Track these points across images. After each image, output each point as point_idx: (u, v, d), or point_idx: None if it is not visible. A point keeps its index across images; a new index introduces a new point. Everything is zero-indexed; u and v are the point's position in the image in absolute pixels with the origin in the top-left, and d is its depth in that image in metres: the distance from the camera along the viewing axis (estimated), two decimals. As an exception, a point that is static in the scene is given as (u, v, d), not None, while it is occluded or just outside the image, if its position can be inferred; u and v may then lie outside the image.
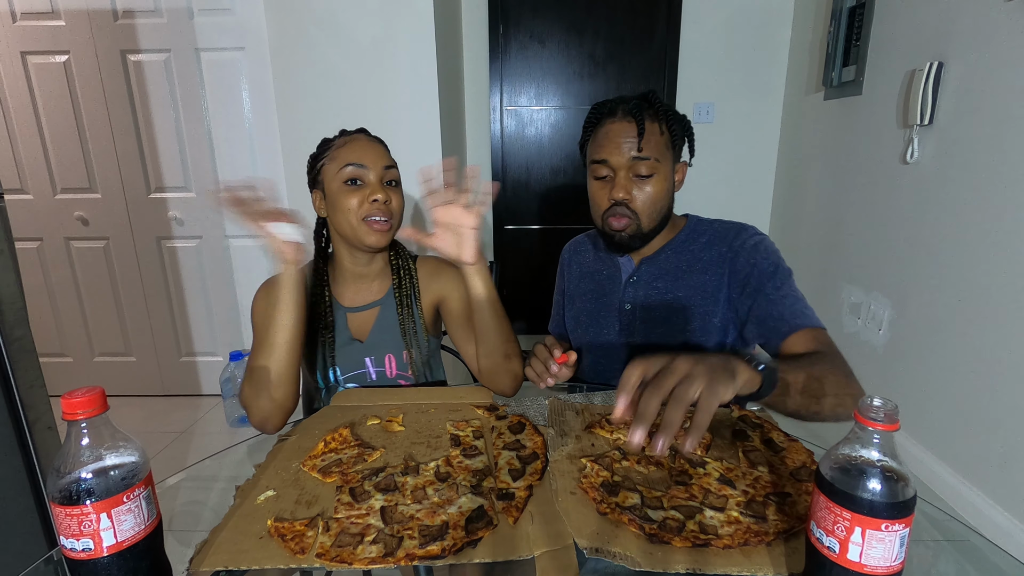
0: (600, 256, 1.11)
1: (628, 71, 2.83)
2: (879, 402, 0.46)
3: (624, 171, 0.94)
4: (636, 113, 0.92)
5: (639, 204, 0.95)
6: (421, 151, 2.17)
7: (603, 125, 0.96)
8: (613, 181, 0.95)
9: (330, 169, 0.95)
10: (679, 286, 1.00)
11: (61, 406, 0.48)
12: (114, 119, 2.22)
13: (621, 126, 0.93)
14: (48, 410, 1.16)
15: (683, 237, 1.03)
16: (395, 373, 1.04)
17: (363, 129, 1.02)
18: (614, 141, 0.94)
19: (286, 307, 0.85)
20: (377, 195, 0.93)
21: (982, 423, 1.63)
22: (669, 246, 1.03)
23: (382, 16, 2.04)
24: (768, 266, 0.93)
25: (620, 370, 1.03)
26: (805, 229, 2.68)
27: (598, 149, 0.96)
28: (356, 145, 0.96)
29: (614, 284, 1.06)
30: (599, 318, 1.08)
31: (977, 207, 1.65)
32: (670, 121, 0.95)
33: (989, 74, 1.60)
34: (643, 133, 0.92)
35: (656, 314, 1.01)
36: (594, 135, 0.99)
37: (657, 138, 0.94)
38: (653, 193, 0.95)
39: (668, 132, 0.95)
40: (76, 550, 0.48)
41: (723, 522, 0.59)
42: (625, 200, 0.94)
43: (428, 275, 1.07)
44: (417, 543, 0.57)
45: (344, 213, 0.94)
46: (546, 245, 3.06)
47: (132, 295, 2.43)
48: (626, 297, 1.04)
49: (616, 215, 0.96)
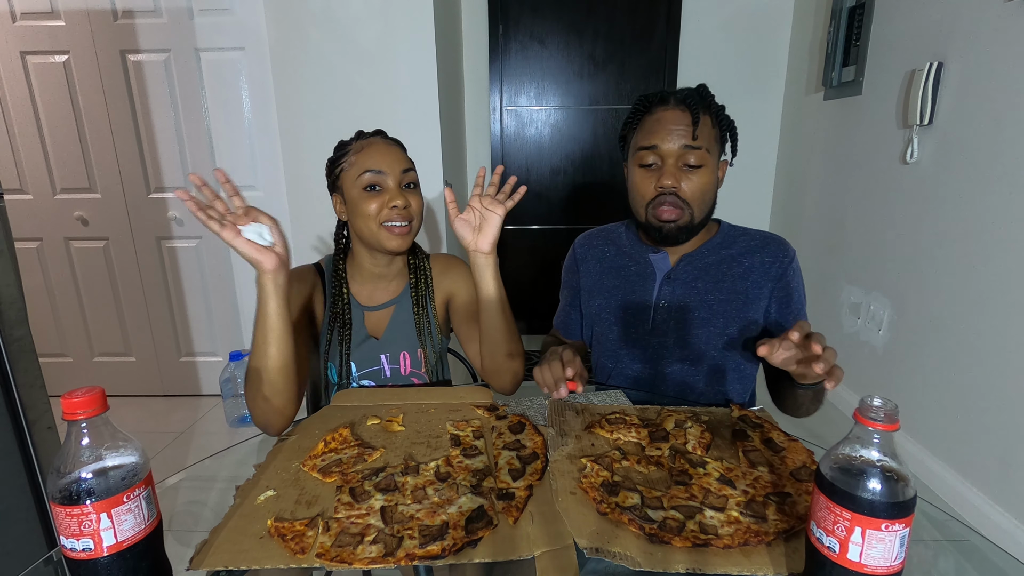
0: (625, 251, 1.08)
1: (628, 71, 2.83)
2: (879, 402, 0.46)
3: (674, 159, 0.92)
4: (690, 102, 0.91)
5: (689, 194, 0.93)
6: (421, 151, 2.16)
7: (653, 113, 0.94)
8: (660, 170, 0.93)
9: (349, 175, 0.96)
10: (721, 288, 0.99)
11: (61, 406, 0.48)
12: (114, 119, 2.22)
13: (674, 114, 0.92)
14: (48, 410, 1.16)
15: (719, 239, 1.02)
16: (409, 371, 1.05)
17: (380, 131, 1.02)
18: (666, 127, 0.91)
19: (271, 320, 0.79)
20: (396, 201, 0.94)
21: (982, 423, 1.63)
22: (707, 247, 1.01)
23: (382, 16, 2.04)
24: (801, 297, 0.99)
25: (641, 368, 1.04)
26: (805, 229, 2.68)
27: (647, 136, 0.94)
28: (374, 150, 0.95)
29: (645, 281, 1.04)
30: (625, 314, 1.05)
31: (977, 207, 1.65)
32: (720, 116, 0.95)
33: (989, 74, 1.60)
34: (698, 122, 0.90)
35: (695, 315, 1.00)
36: (642, 123, 0.96)
37: (709, 130, 0.93)
38: (703, 184, 0.93)
39: (718, 126, 0.95)
40: (76, 550, 0.48)
41: (723, 522, 0.59)
42: (674, 189, 0.92)
43: (439, 272, 1.08)
44: (417, 543, 0.57)
45: (364, 219, 0.94)
46: (546, 245, 3.05)
47: (132, 295, 2.43)
48: (662, 294, 1.02)
49: (665, 205, 0.93)
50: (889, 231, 2.05)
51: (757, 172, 3.00)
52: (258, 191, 2.28)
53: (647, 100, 0.96)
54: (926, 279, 1.86)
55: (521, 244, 3.08)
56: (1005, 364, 1.54)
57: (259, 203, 2.28)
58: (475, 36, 2.83)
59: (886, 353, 2.06)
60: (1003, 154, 1.56)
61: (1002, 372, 1.55)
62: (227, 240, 0.75)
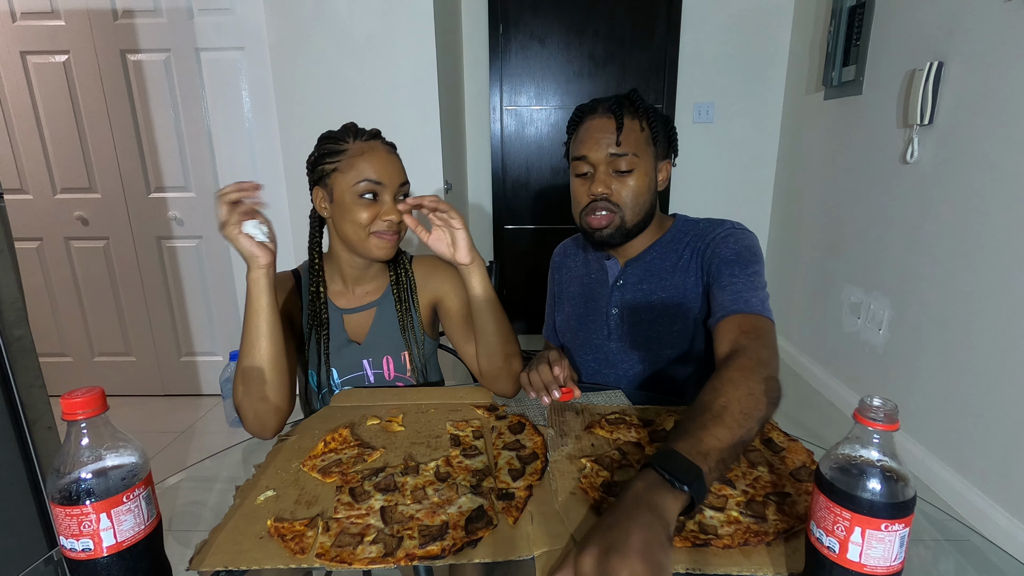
0: (588, 259, 1.11)
1: (628, 71, 2.83)
2: (879, 402, 0.46)
3: (603, 166, 0.94)
4: (615, 109, 0.94)
5: (621, 197, 0.95)
6: (421, 151, 2.17)
7: (584, 123, 0.98)
8: (593, 178, 0.95)
9: (345, 177, 0.92)
10: (662, 287, 0.99)
11: (61, 406, 0.48)
12: (114, 119, 2.22)
13: (600, 122, 0.95)
14: (48, 410, 1.16)
15: (668, 237, 1.02)
16: (393, 375, 1.03)
17: (377, 133, 0.98)
18: (593, 137, 0.94)
19: (264, 314, 0.81)
20: (391, 216, 0.92)
21: (982, 423, 1.63)
22: (654, 247, 1.02)
23: (382, 16, 2.04)
24: (730, 254, 0.91)
25: (611, 374, 1.04)
26: (805, 229, 2.68)
27: (578, 146, 0.97)
28: (375, 158, 0.92)
29: (602, 288, 1.06)
30: (587, 322, 1.07)
31: (977, 207, 1.65)
32: (651, 118, 0.96)
33: (989, 74, 1.60)
34: (621, 128, 0.93)
35: (642, 316, 1.01)
36: (575, 134, 1.00)
37: (636, 134, 0.94)
38: (634, 187, 0.95)
39: (648, 129, 0.96)
40: (76, 550, 0.48)
41: (723, 522, 0.59)
42: (605, 195, 0.94)
43: (424, 275, 1.06)
44: (417, 543, 0.57)
45: (354, 225, 0.93)
46: (546, 245, 3.04)
47: (132, 295, 2.43)
48: (613, 301, 1.03)
49: (596, 212, 0.96)
50: (889, 231, 2.05)
51: (757, 172, 3.00)
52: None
53: (580, 110, 1.00)
54: (926, 279, 1.86)
55: (521, 244, 3.08)
56: (1005, 364, 1.54)
57: (259, 203, 2.19)
58: (475, 36, 2.83)
59: (886, 353, 2.06)
60: (1003, 154, 1.55)
61: (1002, 372, 1.55)
62: (230, 234, 0.78)
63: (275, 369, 0.82)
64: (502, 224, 3.05)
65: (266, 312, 0.81)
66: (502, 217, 3.04)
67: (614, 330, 1.03)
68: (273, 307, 0.82)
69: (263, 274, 0.81)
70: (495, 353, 0.91)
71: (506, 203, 3.02)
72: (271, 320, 0.82)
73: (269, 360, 0.82)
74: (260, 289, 0.81)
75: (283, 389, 0.83)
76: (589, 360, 1.07)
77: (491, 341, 0.91)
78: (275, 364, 0.82)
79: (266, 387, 0.81)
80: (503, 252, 3.08)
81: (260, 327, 0.81)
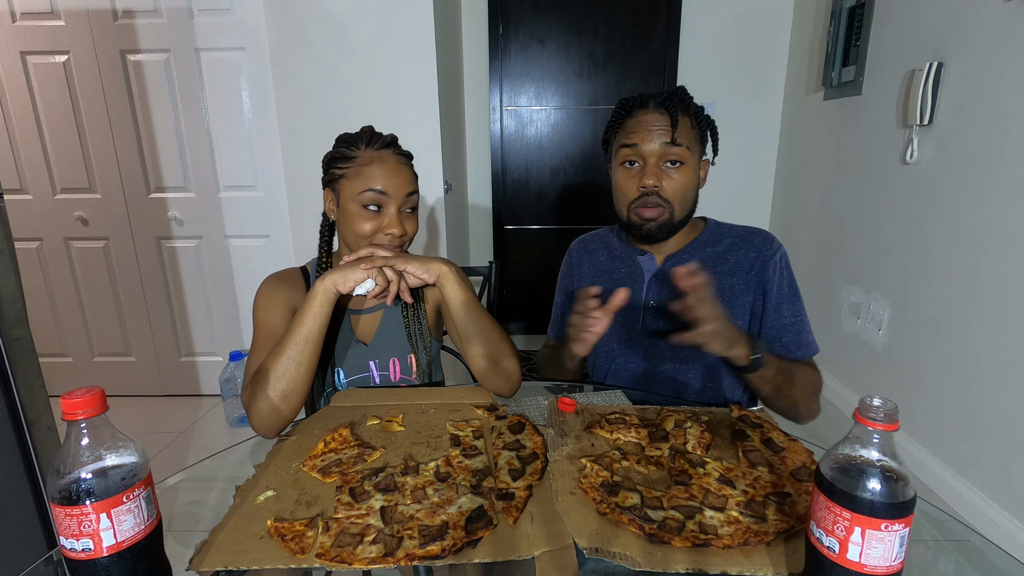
0: (615, 254, 1.10)
1: (628, 71, 2.83)
2: (879, 402, 0.46)
3: (655, 159, 0.95)
4: (668, 105, 0.94)
5: (671, 192, 0.95)
6: (421, 151, 2.15)
7: (634, 116, 0.97)
8: (643, 170, 0.95)
9: (351, 184, 0.91)
10: None
11: (61, 406, 0.48)
12: (114, 119, 2.22)
13: (654, 116, 0.94)
14: (48, 410, 1.16)
15: (705, 237, 1.03)
16: (399, 377, 1.03)
17: (392, 141, 0.96)
18: (647, 129, 0.94)
19: (320, 321, 0.84)
20: (393, 229, 0.92)
21: (982, 423, 1.63)
22: (692, 245, 1.03)
23: (382, 16, 2.04)
24: (788, 287, 0.98)
25: (636, 367, 1.04)
26: (805, 229, 2.68)
27: (628, 136, 0.96)
28: (383, 167, 0.91)
29: (634, 282, 1.05)
30: (617, 316, 1.06)
31: (977, 207, 1.65)
32: (699, 117, 0.97)
33: (989, 74, 1.61)
34: (676, 124, 0.93)
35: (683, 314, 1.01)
36: (623, 126, 0.99)
37: (687, 131, 0.95)
38: (683, 182, 0.95)
39: (697, 127, 0.97)
40: (76, 550, 0.48)
41: (723, 522, 0.59)
42: (656, 188, 0.94)
43: None
44: (417, 543, 0.57)
45: (355, 234, 0.93)
46: (546, 245, 3.06)
47: (132, 295, 2.43)
48: (650, 295, 1.04)
49: (647, 204, 0.96)
50: (889, 231, 2.05)
51: (757, 172, 3.00)
52: (258, 191, 2.28)
53: (627, 103, 0.99)
54: (926, 279, 1.86)
55: (521, 244, 3.08)
56: (1005, 364, 1.54)
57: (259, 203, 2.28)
58: (475, 36, 2.83)
59: (886, 353, 2.06)
60: (1003, 154, 1.56)
61: (1002, 372, 1.55)
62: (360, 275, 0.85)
63: (306, 381, 0.84)
64: (502, 224, 3.05)
65: (323, 328, 0.85)
66: (502, 217, 3.04)
67: (648, 324, 1.04)
68: (326, 324, 0.86)
69: (334, 295, 0.85)
70: (486, 355, 0.90)
71: (506, 203, 3.02)
72: (320, 336, 0.85)
73: (305, 371, 0.84)
74: (323, 305, 0.84)
75: (305, 393, 0.85)
76: (619, 353, 1.07)
77: (480, 344, 0.90)
78: (307, 376, 0.85)
79: (294, 389, 0.83)
80: (503, 252, 3.08)
81: (314, 331, 0.84)
